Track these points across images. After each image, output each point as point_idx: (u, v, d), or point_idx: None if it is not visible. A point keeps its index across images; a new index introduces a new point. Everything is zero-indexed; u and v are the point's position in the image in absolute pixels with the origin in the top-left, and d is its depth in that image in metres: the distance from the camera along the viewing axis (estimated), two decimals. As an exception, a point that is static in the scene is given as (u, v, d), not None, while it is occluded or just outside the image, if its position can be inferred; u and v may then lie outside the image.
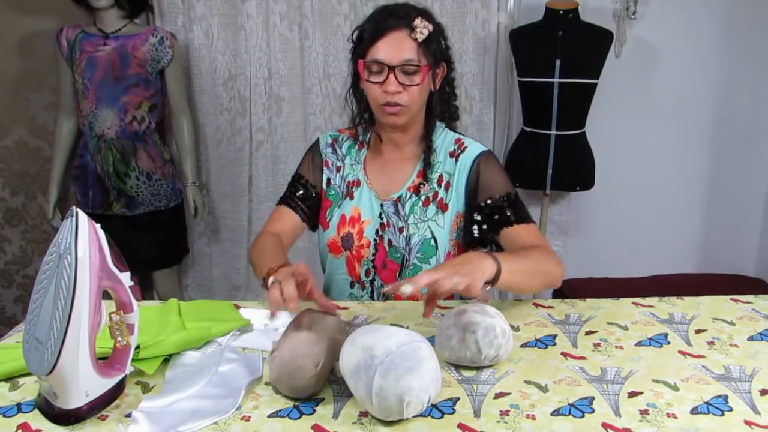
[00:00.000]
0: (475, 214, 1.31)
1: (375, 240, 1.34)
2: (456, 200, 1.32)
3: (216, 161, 2.53)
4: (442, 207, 1.32)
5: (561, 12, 2.27)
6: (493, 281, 1.02)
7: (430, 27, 1.22)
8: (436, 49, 1.25)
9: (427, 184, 1.33)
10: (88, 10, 2.09)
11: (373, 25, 1.23)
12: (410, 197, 1.34)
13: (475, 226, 1.31)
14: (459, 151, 1.34)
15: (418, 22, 1.21)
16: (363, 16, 2.36)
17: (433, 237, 1.31)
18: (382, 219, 1.34)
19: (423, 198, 1.33)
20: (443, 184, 1.33)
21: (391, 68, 1.21)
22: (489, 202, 1.30)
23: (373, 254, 1.34)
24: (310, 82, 2.44)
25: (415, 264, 1.32)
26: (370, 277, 1.36)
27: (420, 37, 1.21)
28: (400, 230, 1.32)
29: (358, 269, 1.36)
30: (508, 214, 1.28)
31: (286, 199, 1.42)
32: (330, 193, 1.40)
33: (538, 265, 1.17)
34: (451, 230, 1.33)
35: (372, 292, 1.36)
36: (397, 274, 1.33)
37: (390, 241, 1.33)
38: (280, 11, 2.38)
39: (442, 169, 1.34)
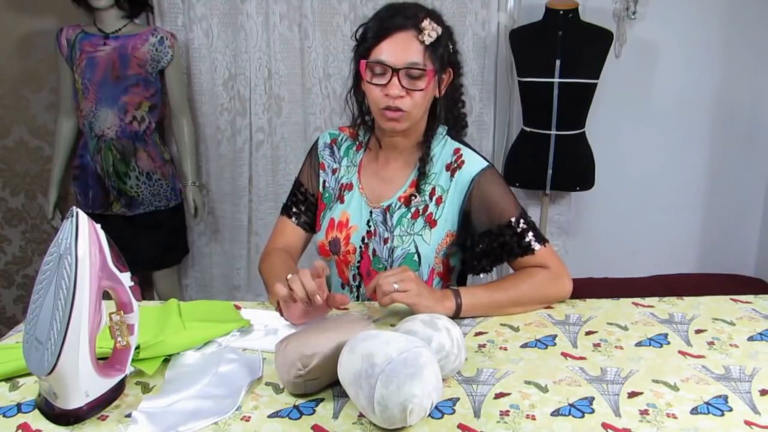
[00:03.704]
0: (484, 239, 1.26)
1: (360, 247, 1.31)
2: (448, 218, 1.27)
3: (216, 161, 2.52)
4: (431, 222, 1.27)
5: (561, 12, 2.27)
6: (454, 316, 1.14)
7: (439, 30, 1.16)
8: (443, 53, 1.19)
9: (419, 196, 1.27)
10: (88, 10, 2.09)
11: (378, 24, 1.17)
12: (399, 207, 1.29)
13: (482, 256, 1.27)
14: (455, 166, 1.27)
15: (426, 23, 1.15)
16: (363, 15, 2.38)
17: (417, 252, 1.26)
18: (369, 227, 1.30)
19: (412, 210, 1.28)
20: (435, 199, 1.27)
21: (395, 71, 1.15)
22: (499, 227, 1.25)
23: (359, 261, 1.32)
24: (310, 82, 2.44)
25: None
26: (357, 283, 1.34)
27: (427, 40, 1.15)
28: (385, 241, 1.28)
29: (347, 273, 1.35)
30: (523, 242, 1.24)
31: (288, 210, 1.41)
32: (325, 196, 1.38)
33: (520, 295, 1.20)
34: (438, 247, 1.27)
35: (358, 296, 1.35)
36: None
37: (374, 251, 1.29)
38: (280, 11, 2.38)
39: (435, 182, 1.28)
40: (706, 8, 2.52)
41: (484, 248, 1.26)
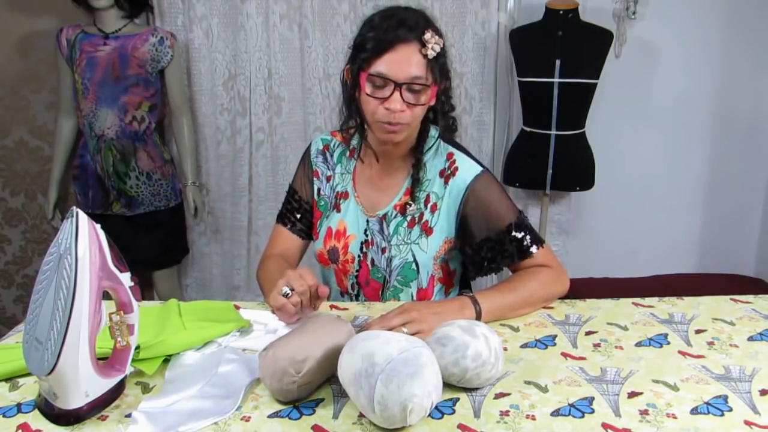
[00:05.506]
0: (484, 246, 1.24)
1: (359, 256, 1.30)
2: (444, 225, 1.26)
3: (216, 161, 2.53)
4: (427, 230, 1.26)
5: (561, 12, 2.27)
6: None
7: (441, 43, 1.13)
8: (444, 64, 1.17)
9: (413, 204, 1.26)
10: (88, 10, 2.09)
11: (380, 35, 1.12)
12: (395, 216, 1.28)
13: (483, 262, 1.26)
14: (449, 172, 1.25)
15: (429, 36, 1.11)
16: (363, 15, 2.36)
17: (415, 261, 1.25)
18: (367, 236, 1.30)
19: (408, 219, 1.27)
20: (429, 206, 1.26)
21: (398, 85, 1.11)
22: (497, 234, 1.23)
23: (357, 270, 1.31)
24: (310, 82, 2.44)
25: (396, 286, 1.28)
26: (355, 291, 1.34)
27: (431, 54, 1.12)
28: (383, 251, 1.27)
29: (345, 282, 1.34)
30: (522, 246, 1.23)
31: (283, 218, 1.40)
32: (320, 204, 1.36)
33: (530, 294, 1.19)
34: (436, 254, 1.27)
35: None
36: (380, 293, 1.30)
37: (373, 260, 1.29)
38: (280, 11, 2.38)
39: (430, 189, 1.26)
40: (706, 8, 2.52)
41: (485, 255, 1.25)
